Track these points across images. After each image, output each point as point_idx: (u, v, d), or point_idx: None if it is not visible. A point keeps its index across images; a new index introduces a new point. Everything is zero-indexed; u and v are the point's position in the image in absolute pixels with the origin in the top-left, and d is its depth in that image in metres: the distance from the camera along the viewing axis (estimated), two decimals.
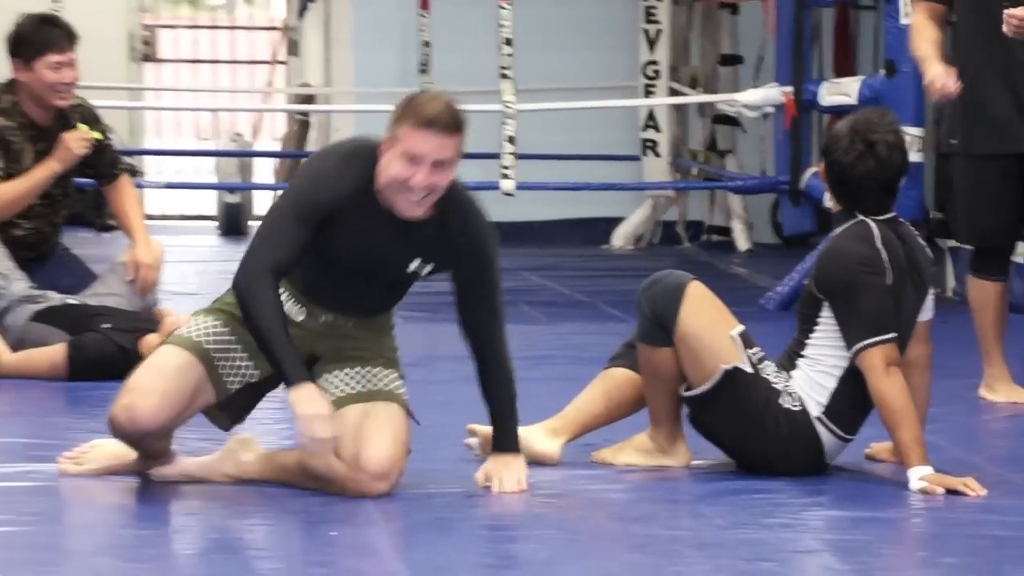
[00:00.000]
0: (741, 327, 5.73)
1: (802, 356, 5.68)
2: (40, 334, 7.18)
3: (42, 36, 7.29)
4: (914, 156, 9.91)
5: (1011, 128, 6.69)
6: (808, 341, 5.68)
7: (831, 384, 5.60)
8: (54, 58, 7.17)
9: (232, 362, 5.32)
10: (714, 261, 12.59)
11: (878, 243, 5.60)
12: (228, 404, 5.37)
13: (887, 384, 5.47)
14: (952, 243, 10.12)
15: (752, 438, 5.62)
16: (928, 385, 5.82)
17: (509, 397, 5.41)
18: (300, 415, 5.08)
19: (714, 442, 5.80)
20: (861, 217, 5.68)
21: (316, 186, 5.26)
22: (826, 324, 5.63)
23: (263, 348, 5.20)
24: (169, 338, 5.46)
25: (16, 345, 7.23)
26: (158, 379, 5.23)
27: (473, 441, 5.88)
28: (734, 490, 5.57)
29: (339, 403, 5.27)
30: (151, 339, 7.16)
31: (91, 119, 7.66)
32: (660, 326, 5.61)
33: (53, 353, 7.12)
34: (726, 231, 13.27)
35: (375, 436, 5.23)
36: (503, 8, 10.45)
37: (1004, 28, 6.42)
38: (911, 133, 9.94)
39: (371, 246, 5.27)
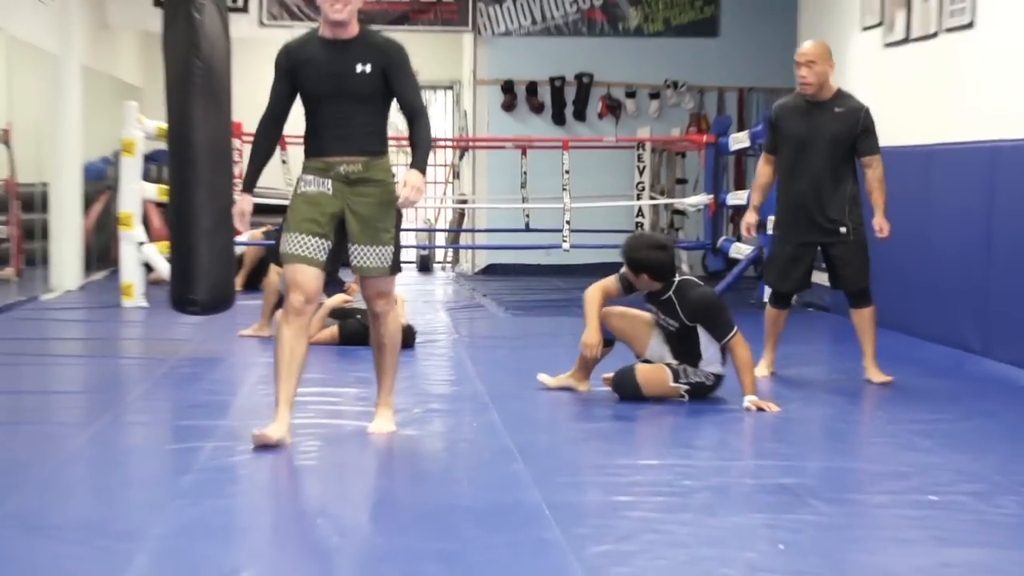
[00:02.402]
0: (671, 371, 5.42)
1: (701, 358, 5.43)
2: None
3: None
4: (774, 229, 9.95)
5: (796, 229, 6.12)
6: (700, 352, 5.43)
7: (719, 357, 5.43)
8: None
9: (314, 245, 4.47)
10: None
11: (704, 285, 5.48)
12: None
13: (743, 352, 5.33)
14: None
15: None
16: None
17: (424, 144, 4.42)
18: (235, 209, 4.54)
19: None
20: (678, 278, 5.44)
21: (280, 55, 4.50)
22: (703, 338, 5.42)
23: (250, 161, 4.53)
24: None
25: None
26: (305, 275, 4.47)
27: (544, 377, 5.76)
28: (677, 403, 5.44)
29: (360, 273, 4.53)
30: None
31: None
32: (635, 398, 5.40)
33: (332, 330, 7.12)
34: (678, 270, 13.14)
35: (372, 290, 4.56)
36: (564, 154, 10.46)
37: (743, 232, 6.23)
38: (772, 218, 9.93)
39: (329, 66, 4.39)
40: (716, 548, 3.38)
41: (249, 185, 4.55)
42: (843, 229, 5.99)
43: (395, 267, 4.54)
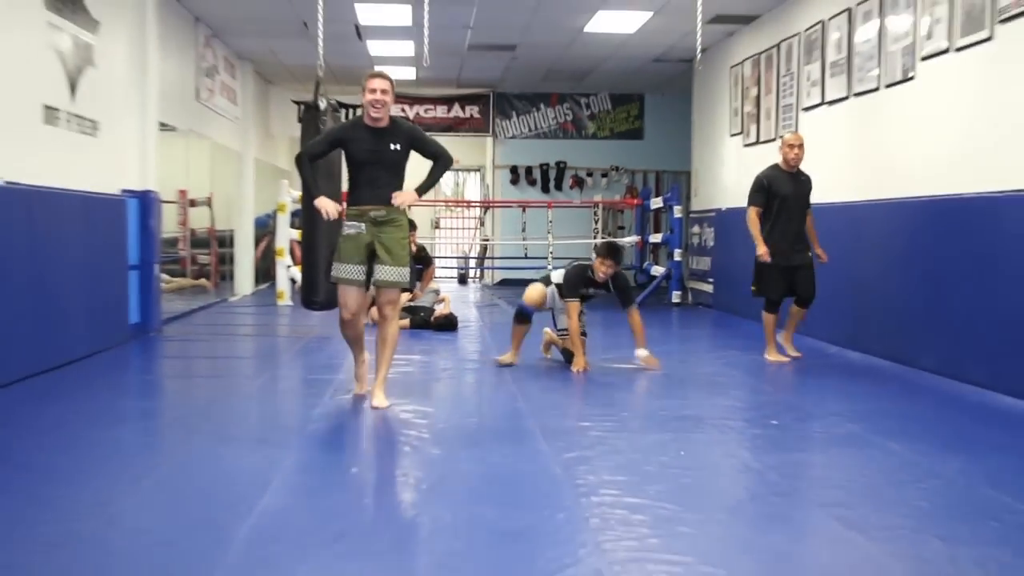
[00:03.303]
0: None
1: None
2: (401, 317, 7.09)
3: None
4: (678, 257, 9.85)
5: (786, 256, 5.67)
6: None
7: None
8: None
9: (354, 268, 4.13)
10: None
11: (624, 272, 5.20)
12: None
13: (639, 316, 5.08)
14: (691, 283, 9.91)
15: None
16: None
17: (433, 176, 4.03)
18: (318, 205, 4.04)
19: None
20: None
21: (335, 129, 4.11)
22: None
23: (305, 184, 4.16)
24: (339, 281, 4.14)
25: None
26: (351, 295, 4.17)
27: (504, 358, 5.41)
28: (621, 368, 5.35)
29: (380, 284, 4.09)
30: (437, 313, 7.06)
31: (419, 247, 7.39)
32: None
33: (404, 322, 6.99)
34: None
35: (386, 298, 4.15)
36: (548, 211, 10.43)
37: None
38: (678, 251, 9.85)
39: (370, 144, 4.00)
40: (642, 454, 3.38)
41: (319, 192, 4.10)
42: (810, 254, 5.72)
43: (411, 283, 4.16)
